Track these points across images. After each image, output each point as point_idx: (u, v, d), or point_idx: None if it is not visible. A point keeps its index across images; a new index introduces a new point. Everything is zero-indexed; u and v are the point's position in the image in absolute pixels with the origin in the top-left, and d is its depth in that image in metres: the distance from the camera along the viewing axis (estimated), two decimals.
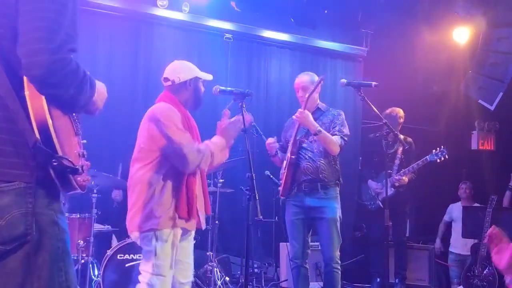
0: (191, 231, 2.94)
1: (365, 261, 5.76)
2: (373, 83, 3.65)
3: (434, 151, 4.86)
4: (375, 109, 3.68)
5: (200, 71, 3.02)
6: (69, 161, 1.48)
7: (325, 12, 6.32)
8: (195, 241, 4.62)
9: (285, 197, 3.99)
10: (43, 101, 1.46)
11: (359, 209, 6.15)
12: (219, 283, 4.70)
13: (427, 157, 4.91)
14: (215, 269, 4.70)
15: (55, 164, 1.46)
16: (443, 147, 4.81)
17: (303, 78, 4.01)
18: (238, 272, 5.39)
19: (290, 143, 3.95)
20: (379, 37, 6.78)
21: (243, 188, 3.11)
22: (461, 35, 6.28)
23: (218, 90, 3.10)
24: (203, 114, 4.85)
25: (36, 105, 1.45)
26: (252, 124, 3.32)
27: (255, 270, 5.47)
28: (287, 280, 5.14)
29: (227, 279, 4.92)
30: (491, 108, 6.22)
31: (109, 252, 4.12)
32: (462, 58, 6.38)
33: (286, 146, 4.07)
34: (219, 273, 4.77)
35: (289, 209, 3.98)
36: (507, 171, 5.78)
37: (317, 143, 3.86)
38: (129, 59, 5.71)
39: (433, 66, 6.39)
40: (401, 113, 5.37)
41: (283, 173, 3.97)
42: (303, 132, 3.95)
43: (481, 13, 5.96)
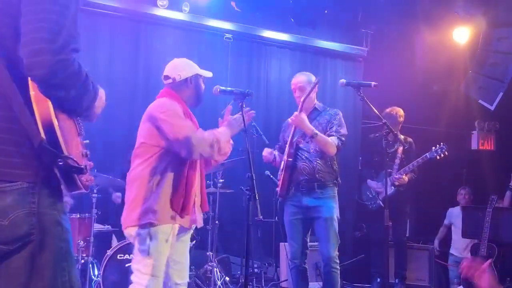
0: (188, 230, 2.90)
1: (365, 261, 5.74)
2: (372, 83, 3.63)
3: (433, 148, 4.88)
4: (375, 109, 3.68)
5: (200, 69, 3.02)
6: (74, 161, 1.49)
7: (325, 12, 6.31)
8: (195, 241, 4.67)
9: (283, 198, 3.96)
10: (49, 101, 1.46)
11: (359, 209, 6.15)
12: (219, 283, 4.70)
13: (426, 154, 4.92)
14: (215, 269, 4.70)
15: (60, 163, 1.46)
16: (442, 144, 4.81)
17: (300, 78, 3.97)
18: (238, 272, 5.38)
19: (287, 145, 3.94)
20: (379, 37, 6.78)
21: (243, 188, 3.09)
22: (461, 35, 6.29)
23: (218, 90, 3.07)
24: (203, 114, 4.82)
25: (41, 105, 1.45)
26: (252, 124, 3.32)
27: (255, 270, 5.45)
28: (287, 280, 5.14)
29: (227, 279, 4.92)
30: (491, 108, 6.23)
31: (109, 252, 4.13)
32: (462, 58, 6.39)
33: (284, 147, 4.05)
34: (219, 273, 4.77)
35: (287, 209, 3.96)
36: (507, 171, 5.77)
37: (314, 143, 3.84)
38: (129, 59, 5.71)
39: (433, 66, 6.39)
40: (401, 112, 5.37)
41: (280, 175, 3.96)
42: (299, 133, 3.92)
43: (481, 13, 5.97)
